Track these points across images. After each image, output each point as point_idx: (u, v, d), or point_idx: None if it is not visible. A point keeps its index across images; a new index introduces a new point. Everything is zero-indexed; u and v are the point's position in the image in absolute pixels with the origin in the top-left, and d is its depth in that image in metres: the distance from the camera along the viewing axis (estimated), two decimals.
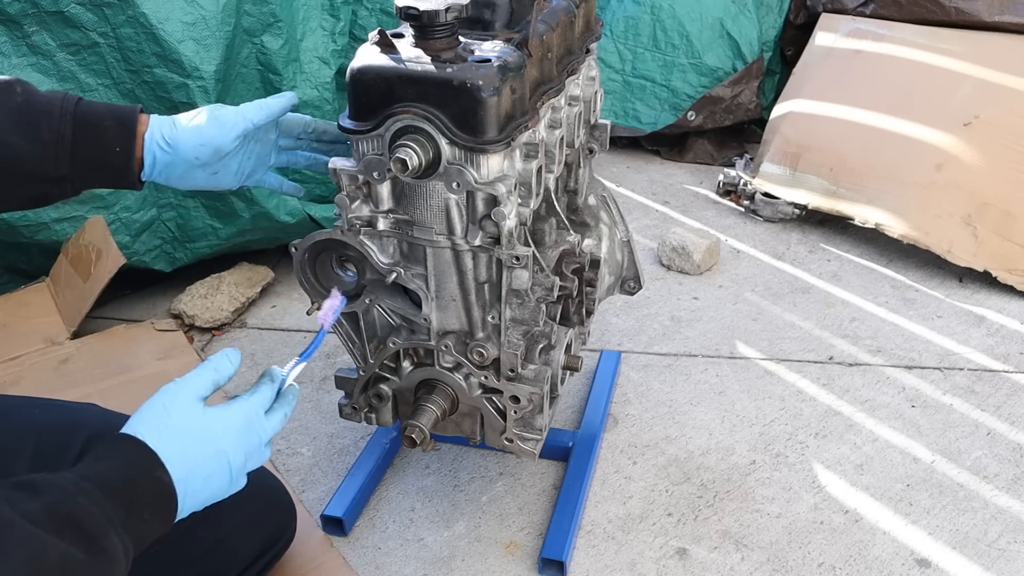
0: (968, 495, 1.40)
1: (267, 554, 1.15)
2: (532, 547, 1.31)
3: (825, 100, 2.27)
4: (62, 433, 1.01)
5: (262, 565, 1.14)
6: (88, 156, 0.95)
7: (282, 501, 1.19)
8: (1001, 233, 1.95)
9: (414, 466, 1.47)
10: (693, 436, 1.53)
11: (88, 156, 0.95)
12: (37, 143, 0.91)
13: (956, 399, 1.61)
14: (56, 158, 0.93)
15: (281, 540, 1.18)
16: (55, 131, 0.92)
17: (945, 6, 2.25)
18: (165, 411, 0.82)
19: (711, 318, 1.86)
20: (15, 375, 1.64)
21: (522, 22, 1.07)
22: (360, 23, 1.93)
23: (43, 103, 0.93)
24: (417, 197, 1.04)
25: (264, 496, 1.14)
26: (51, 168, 0.93)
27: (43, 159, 0.92)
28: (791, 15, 2.59)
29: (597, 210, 1.39)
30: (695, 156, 2.62)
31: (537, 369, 1.16)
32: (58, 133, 0.92)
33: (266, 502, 1.15)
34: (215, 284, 1.89)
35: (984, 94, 2.10)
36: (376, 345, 1.18)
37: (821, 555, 1.29)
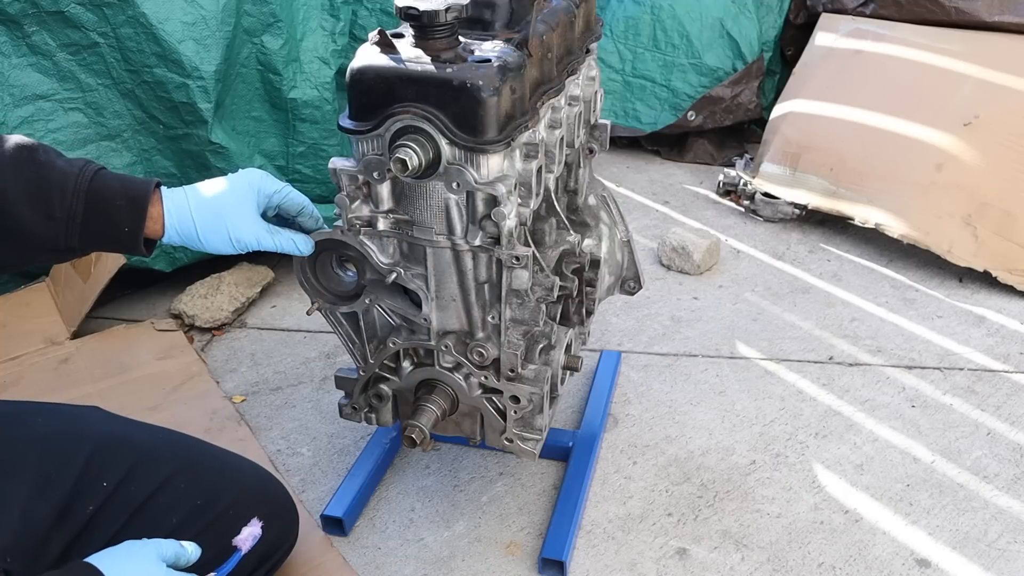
0: (968, 495, 1.40)
1: (268, 561, 1.14)
2: (532, 547, 1.31)
3: (825, 100, 2.27)
4: (64, 444, 1.01)
5: (263, 572, 1.14)
6: (97, 232, 0.97)
7: (286, 509, 1.18)
8: (1001, 233, 1.95)
9: (414, 466, 1.47)
10: (693, 436, 1.53)
11: (97, 232, 0.97)
12: (49, 219, 0.93)
13: (956, 399, 1.61)
14: (67, 233, 0.95)
15: (282, 547, 1.18)
16: (67, 208, 0.94)
17: (945, 6, 2.25)
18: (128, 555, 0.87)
19: (711, 318, 1.86)
20: (15, 375, 1.64)
21: (522, 22, 1.07)
22: (360, 23, 1.93)
23: (58, 177, 0.94)
24: (417, 197, 1.03)
25: (268, 503, 1.13)
26: (61, 241, 0.95)
27: (54, 234, 0.94)
28: (791, 15, 2.59)
29: (597, 210, 1.39)
30: (695, 156, 2.62)
31: (537, 369, 1.16)
32: (70, 210, 0.94)
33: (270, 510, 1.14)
34: (215, 284, 1.89)
35: (984, 94, 2.10)
36: (376, 345, 1.18)
37: (821, 555, 1.29)
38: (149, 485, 1.03)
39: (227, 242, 1.03)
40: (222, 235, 1.02)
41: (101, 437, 1.03)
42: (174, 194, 1.01)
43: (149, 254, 1.02)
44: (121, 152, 1.70)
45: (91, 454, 1.00)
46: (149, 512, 1.02)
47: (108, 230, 0.97)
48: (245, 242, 1.03)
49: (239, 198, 1.04)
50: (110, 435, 1.05)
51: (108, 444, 1.03)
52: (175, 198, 1.01)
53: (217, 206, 1.02)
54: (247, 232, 1.03)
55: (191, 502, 1.05)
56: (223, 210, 1.02)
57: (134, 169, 1.73)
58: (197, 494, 1.05)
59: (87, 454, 1.00)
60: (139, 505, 1.01)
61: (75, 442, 1.01)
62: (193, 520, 1.03)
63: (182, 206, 1.01)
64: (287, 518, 1.18)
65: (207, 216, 1.01)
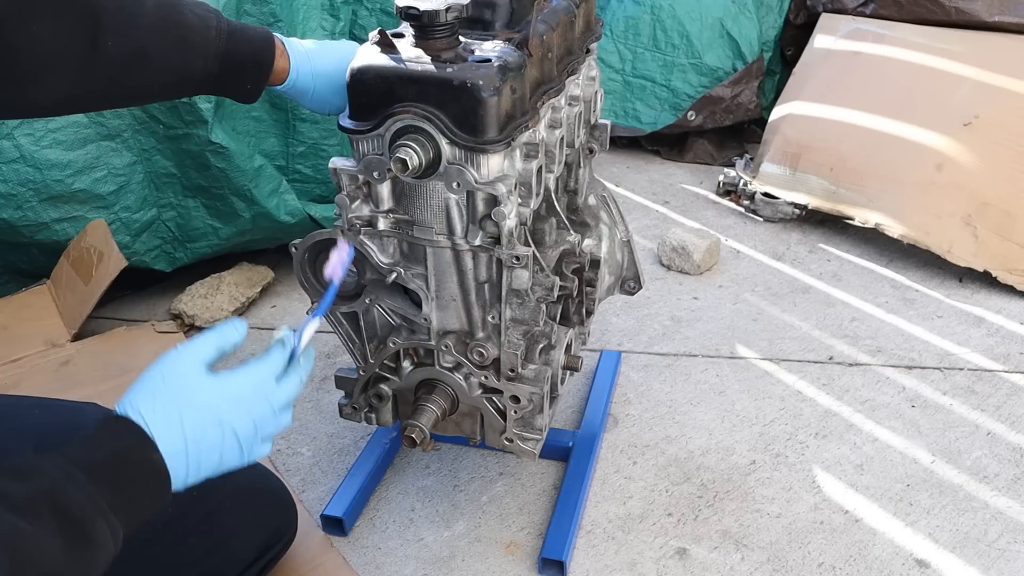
0: (968, 495, 1.40)
1: (267, 554, 1.15)
2: (532, 547, 1.31)
3: (825, 100, 2.27)
4: (61, 433, 1.01)
5: (263, 564, 1.14)
6: (225, 85, 1.06)
7: (284, 501, 1.18)
8: (1001, 233, 1.95)
9: (414, 466, 1.47)
10: (693, 436, 1.53)
11: (225, 85, 1.06)
12: (187, 80, 1.02)
13: (956, 399, 1.61)
14: (198, 87, 1.05)
15: (282, 540, 1.18)
16: (203, 70, 1.02)
17: (945, 6, 2.25)
18: (162, 380, 0.79)
19: (711, 318, 1.86)
20: (16, 377, 1.64)
21: (522, 22, 1.07)
22: (360, 23, 1.93)
23: (199, 40, 1.00)
24: (417, 197, 1.04)
25: (266, 495, 1.14)
26: (188, 90, 1.06)
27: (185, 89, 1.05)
28: (791, 15, 2.59)
29: (597, 210, 1.39)
30: (695, 156, 2.62)
31: (537, 369, 1.16)
32: (205, 72, 1.03)
33: (268, 502, 1.15)
34: (215, 284, 1.89)
35: (984, 94, 2.10)
36: (376, 345, 1.18)
37: (821, 555, 1.29)
38: None
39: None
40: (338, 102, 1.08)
41: None
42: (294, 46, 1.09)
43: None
44: (121, 152, 1.70)
45: None
46: None
47: (233, 85, 1.06)
48: None
49: None
50: None
51: None
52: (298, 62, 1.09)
53: None
54: None
55: (187, 493, 1.04)
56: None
57: (134, 169, 1.73)
58: (192, 485, 1.05)
59: None
60: None
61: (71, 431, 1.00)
62: (190, 511, 1.02)
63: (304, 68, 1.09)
64: (286, 510, 1.18)
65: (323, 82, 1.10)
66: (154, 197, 1.79)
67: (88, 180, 1.67)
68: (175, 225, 1.83)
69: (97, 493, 0.70)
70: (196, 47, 1.00)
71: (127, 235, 1.77)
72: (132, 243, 1.78)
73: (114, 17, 0.93)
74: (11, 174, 1.60)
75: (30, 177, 1.61)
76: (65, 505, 0.68)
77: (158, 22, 0.97)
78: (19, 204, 1.64)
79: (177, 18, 0.98)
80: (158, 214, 1.81)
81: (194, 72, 1.01)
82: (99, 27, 0.92)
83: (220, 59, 1.01)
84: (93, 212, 1.72)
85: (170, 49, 0.98)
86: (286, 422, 0.86)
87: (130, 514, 0.73)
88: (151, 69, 0.98)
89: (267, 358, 0.86)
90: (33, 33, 0.88)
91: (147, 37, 0.96)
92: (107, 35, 0.92)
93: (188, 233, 1.84)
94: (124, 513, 0.72)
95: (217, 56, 1.01)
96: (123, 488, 0.73)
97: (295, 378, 0.87)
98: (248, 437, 0.82)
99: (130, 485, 0.74)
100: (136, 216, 1.77)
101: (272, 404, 0.84)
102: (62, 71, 0.92)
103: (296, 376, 0.88)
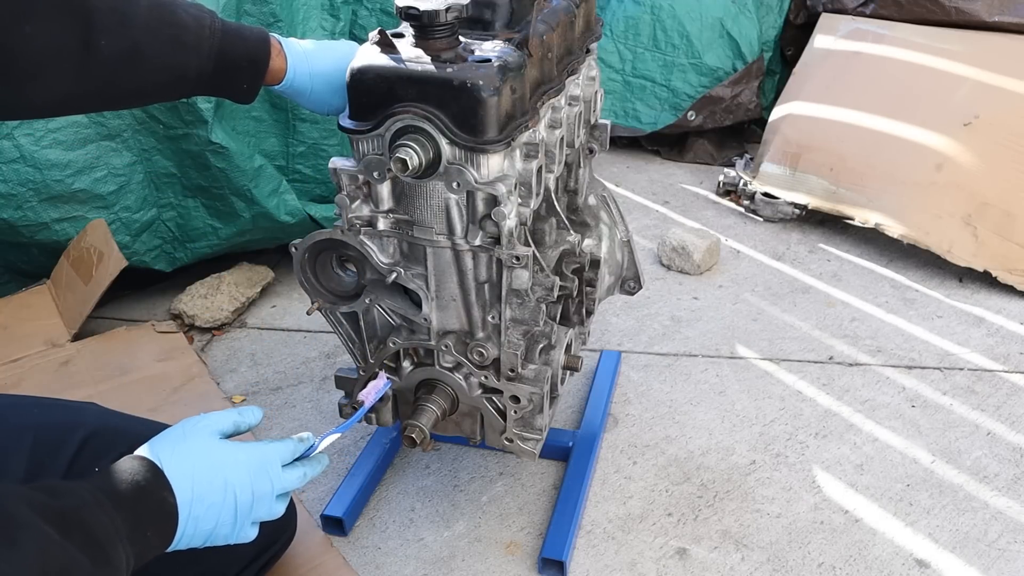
0: (968, 495, 1.40)
1: (267, 552, 1.15)
2: (532, 547, 1.31)
3: (825, 100, 2.27)
4: (59, 432, 1.01)
5: (262, 563, 1.14)
6: (219, 86, 1.07)
7: None
8: (1001, 233, 1.95)
9: (414, 466, 1.47)
10: (693, 436, 1.53)
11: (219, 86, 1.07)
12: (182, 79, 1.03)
13: (956, 399, 1.61)
14: (193, 88, 1.05)
15: (281, 539, 1.18)
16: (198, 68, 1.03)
17: (945, 6, 2.25)
18: (183, 436, 0.85)
19: (711, 318, 1.86)
20: (16, 377, 1.64)
21: (522, 22, 1.07)
22: (360, 23, 1.93)
23: (192, 39, 1.01)
24: (417, 197, 1.04)
25: None
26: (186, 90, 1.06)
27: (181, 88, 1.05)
28: (791, 15, 2.59)
29: (597, 210, 1.39)
30: (695, 156, 2.62)
31: (537, 369, 1.16)
32: (199, 71, 1.03)
33: None
34: (215, 284, 1.89)
35: (984, 94, 2.10)
36: (376, 345, 1.18)
37: (821, 555, 1.29)
38: None
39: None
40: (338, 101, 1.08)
41: (96, 426, 1.03)
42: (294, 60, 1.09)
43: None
44: (121, 152, 1.70)
45: (84, 441, 1.00)
46: None
47: (228, 85, 1.06)
48: None
49: None
50: (105, 425, 1.05)
51: (102, 433, 1.03)
52: (296, 62, 1.09)
53: None
54: None
55: None
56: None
57: (134, 169, 1.73)
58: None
59: (81, 441, 1.00)
60: None
61: (70, 430, 1.01)
62: None
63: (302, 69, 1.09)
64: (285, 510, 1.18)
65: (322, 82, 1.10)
66: (154, 197, 1.79)
67: (88, 180, 1.67)
68: (175, 225, 1.83)
69: (119, 519, 0.74)
70: (190, 46, 1.00)
71: (127, 235, 1.77)
72: (132, 243, 1.78)
73: (106, 16, 0.94)
74: (11, 174, 1.60)
75: (30, 177, 1.61)
76: (91, 526, 0.72)
77: (151, 21, 0.97)
78: (19, 204, 1.64)
79: (170, 18, 0.99)
80: (158, 214, 1.81)
81: (188, 71, 1.01)
82: (92, 26, 0.93)
83: (215, 58, 1.02)
84: (93, 212, 1.72)
85: (163, 48, 0.98)
86: (278, 511, 0.90)
87: (141, 548, 0.76)
88: (145, 68, 0.98)
89: (280, 443, 0.91)
90: (26, 34, 0.89)
91: (140, 36, 0.96)
92: (100, 34, 0.93)
93: (188, 233, 1.84)
94: (137, 546, 0.76)
95: (211, 55, 1.01)
96: (140, 521, 0.77)
97: (300, 471, 0.92)
98: (244, 509, 0.86)
99: (146, 519, 0.78)
100: (136, 216, 1.77)
101: (273, 484, 0.88)
102: (57, 71, 0.93)
103: (302, 470, 0.92)
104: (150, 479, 0.80)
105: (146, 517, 0.78)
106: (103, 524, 0.72)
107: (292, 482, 0.90)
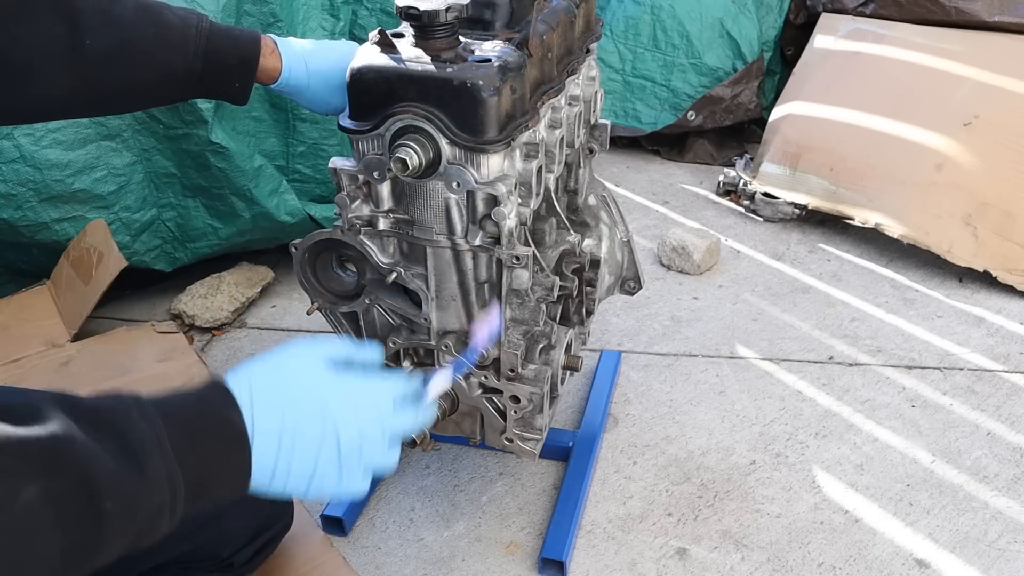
0: (968, 495, 1.40)
1: (261, 536, 1.13)
2: (532, 547, 1.31)
3: (825, 100, 2.27)
4: None
5: (258, 546, 1.13)
6: (210, 87, 1.07)
7: None
8: (1001, 233, 1.95)
9: (414, 466, 1.47)
10: (693, 436, 1.53)
11: (210, 87, 1.07)
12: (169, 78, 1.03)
13: (956, 399, 1.61)
14: (183, 88, 1.06)
15: (277, 524, 1.17)
16: (187, 66, 1.03)
17: (945, 6, 2.25)
18: (274, 359, 0.73)
19: (711, 318, 1.86)
20: (16, 377, 1.64)
21: (522, 22, 1.07)
22: (360, 23, 1.93)
23: (178, 38, 1.01)
24: (417, 197, 1.04)
25: None
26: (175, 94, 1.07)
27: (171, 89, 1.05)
28: (791, 15, 2.59)
29: (597, 210, 1.39)
30: (695, 156, 2.62)
31: (537, 369, 1.16)
32: (189, 68, 1.03)
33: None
34: (215, 284, 1.89)
35: (984, 94, 2.10)
36: None
37: (821, 555, 1.29)
38: None
39: None
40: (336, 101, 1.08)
41: None
42: (290, 61, 1.09)
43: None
44: (121, 152, 1.70)
45: None
46: None
47: (219, 85, 1.06)
48: None
49: None
50: None
51: None
52: (292, 63, 1.09)
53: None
54: None
55: None
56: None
57: (134, 169, 1.73)
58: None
59: None
60: None
61: None
62: None
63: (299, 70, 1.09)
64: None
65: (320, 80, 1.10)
66: (154, 197, 1.79)
67: (88, 180, 1.67)
68: (175, 225, 1.83)
69: (162, 429, 0.62)
70: (176, 44, 1.01)
71: (127, 235, 1.77)
72: (132, 243, 1.78)
73: (92, 17, 0.95)
74: (11, 174, 1.60)
75: (30, 177, 1.61)
76: (122, 426, 0.61)
77: (137, 21, 0.98)
78: (19, 204, 1.64)
79: (157, 18, 1.00)
80: (158, 214, 1.81)
81: (176, 69, 1.02)
82: (78, 26, 0.93)
83: (203, 58, 1.02)
84: (93, 212, 1.72)
85: (149, 46, 0.99)
86: (393, 461, 0.76)
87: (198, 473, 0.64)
88: (131, 66, 0.99)
89: (392, 377, 0.78)
90: (13, 34, 0.90)
91: (126, 35, 0.97)
92: (86, 34, 0.94)
93: (188, 233, 1.84)
94: (191, 469, 0.63)
95: (199, 54, 1.02)
96: (195, 438, 0.64)
97: (413, 414, 0.78)
98: (350, 448, 0.72)
99: (203, 438, 0.65)
100: (136, 216, 1.77)
101: (383, 424, 0.74)
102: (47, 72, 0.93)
103: (415, 413, 0.78)
104: (214, 396, 0.68)
105: (202, 435, 0.65)
106: (139, 429, 0.61)
107: (404, 425, 0.77)
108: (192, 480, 0.63)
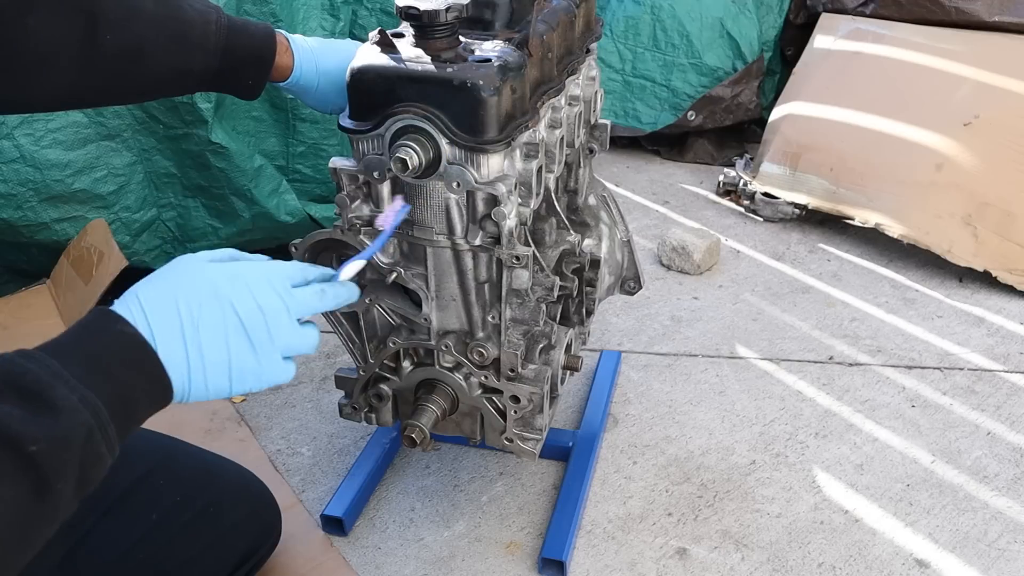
0: (968, 495, 1.40)
1: (250, 560, 1.12)
2: (532, 547, 1.31)
3: (825, 100, 2.27)
4: None
5: (245, 571, 1.12)
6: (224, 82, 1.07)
7: (267, 506, 1.16)
8: (1001, 233, 1.95)
9: (414, 466, 1.47)
10: (693, 436, 1.53)
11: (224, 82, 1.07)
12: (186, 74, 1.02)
13: (956, 399, 1.61)
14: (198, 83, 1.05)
15: (265, 545, 1.16)
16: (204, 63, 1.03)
17: (945, 6, 2.25)
18: (156, 272, 0.74)
19: (711, 318, 1.86)
20: None
21: (522, 22, 1.07)
22: (360, 23, 1.93)
23: (198, 34, 1.00)
24: (417, 197, 1.04)
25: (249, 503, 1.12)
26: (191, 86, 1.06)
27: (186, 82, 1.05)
28: (791, 15, 2.59)
29: (597, 210, 1.39)
30: (695, 156, 2.62)
31: (537, 369, 1.16)
32: (205, 66, 1.03)
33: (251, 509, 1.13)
34: None
35: (984, 94, 2.10)
36: (376, 345, 1.18)
37: (821, 555, 1.29)
38: (125, 480, 1.00)
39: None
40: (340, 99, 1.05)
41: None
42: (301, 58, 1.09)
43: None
44: (121, 152, 1.70)
45: None
46: (126, 507, 1.00)
47: (233, 81, 1.06)
48: None
49: None
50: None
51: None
52: (302, 59, 1.09)
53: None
54: None
55: (170, 498, 1.03)
56: None
57: (134, 169, 1.73)
58: (176, 491, 1.03)
59: None
60: (115, 500, 0.99)
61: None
62: (172, 517, 1.01)
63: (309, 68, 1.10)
64: (268, 515, 1.17)
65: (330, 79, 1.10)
66: (154, 197, 1.79)
67: (88, 180, 1.67)
68: (175, 225, 1.83)
69: (55, 365, 0.63)
70: (196, 41, 1.00)
71: (127, 235, 1.77)
72: (132, 243, 1.78)
73: (112, 11, 0.93)
74: (11, 174, 1.60)
75: (30, 177, 1.62)
76: (13, 377, 0.61)
77: (156, 17, 0.97)
78: (19, 204, 1.64)
79: (176, 13, 0.99)
80: (158, 214, 1.81)
81: (194, 66, 1.01)
82: (97, 21, 0.92)
83: (220, 54, 1.02)
84: (93, 212, 1.72)
85: (169, 43, 0.98)
86: (310, 341, 0.77)
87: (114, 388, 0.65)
88: (150, 63, 0.98)
89: (281, 262, 0.78)
90: (30, 27, 0.88)
91: (146, 31, 0.96)
92: (105, 29, 0.93)
93: (188, 233, 1.84)
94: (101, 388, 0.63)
95: (217, 51, 1.01)
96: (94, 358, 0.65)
97: (317, 287, 0.79)
98: (253, 323, 0.72)
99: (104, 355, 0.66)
100: (136, 216, 1.77)
101: (283, 299, 0.74)
102: (61, 65, 0.92)
103: (319, 286, 0.79)
104: (97, 319, 0.69)
105: (99, 352, 0.66)
106: (28, 370, 0.61)
107: (308, 299, 0.77)
108: (110, 397, 0.64)
